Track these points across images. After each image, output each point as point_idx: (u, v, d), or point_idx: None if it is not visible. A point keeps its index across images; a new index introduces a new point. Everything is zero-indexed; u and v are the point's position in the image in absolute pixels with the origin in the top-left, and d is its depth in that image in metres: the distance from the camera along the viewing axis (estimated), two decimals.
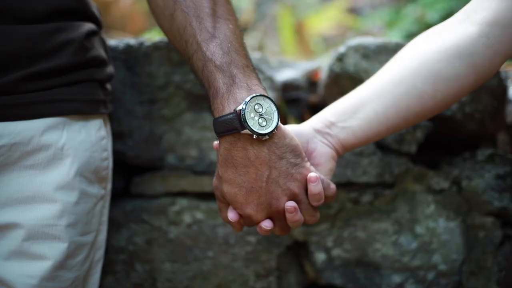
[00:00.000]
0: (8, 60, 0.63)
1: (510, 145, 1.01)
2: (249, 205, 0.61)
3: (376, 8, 4.33)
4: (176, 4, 0.66)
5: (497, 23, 0.67)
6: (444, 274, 0.87)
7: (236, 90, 0.61)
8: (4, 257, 0.62)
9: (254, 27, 3.28)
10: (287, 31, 2.46)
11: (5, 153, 0.63)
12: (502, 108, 0.94)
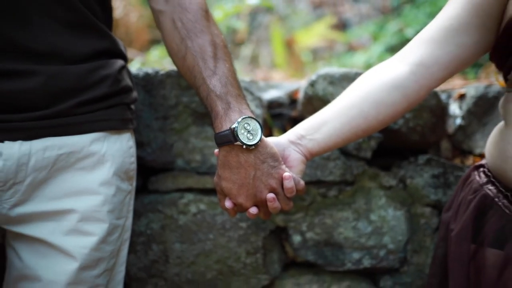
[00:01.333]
0: (65, 92, 0.86)
1: (451, 151, 1.25)
2: (240, 196, 0.85)
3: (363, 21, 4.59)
4: (187, 49, 0.89)
5: (422, 64, 0.91)
6: (392, 252, 1.11)
7: (231, 113, 0.84)
8: (64, 233, 0.86)
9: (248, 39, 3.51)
10: (278, 45, 2.69)
11: (65, 159, 0.86)
12: (443, 122, 1.18)
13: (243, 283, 1.12)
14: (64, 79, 0.86)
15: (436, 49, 0.91)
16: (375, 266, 1.11)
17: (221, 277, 1.12)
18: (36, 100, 0.84)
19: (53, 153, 0.85)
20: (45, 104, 0.84)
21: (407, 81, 0.91)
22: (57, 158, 0.85)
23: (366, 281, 1.14)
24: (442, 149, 1.23)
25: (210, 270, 1.12)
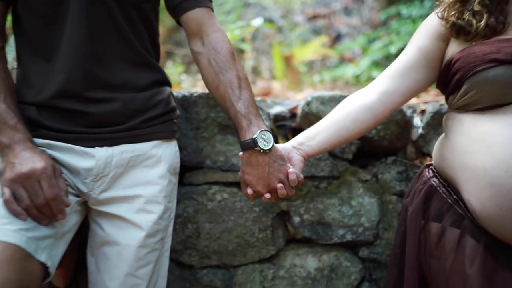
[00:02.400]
0: (135, 113, 1.22)
1: (415, 154, 1.62)
2: (258, 185, 1.21)
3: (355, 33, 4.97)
4: (220, 81, 1.25)
5: (386, 93, 1.28)
6: (368, 229, 1.48)
7: (252, 127, 1.20)
8: (135, 211, 1.21)
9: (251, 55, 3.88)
10: (278, 61, 3.06)
11: (135, 159, 1.22)
12: (407, 132, 1.56)
13: (256, 253, 1.49)
14: (134, 103, 1.23)
15: (396, 82, 1.28)
16: (355, 240, 1.49)
17: (240, 248, 1.49)
18: (116, 118, 1.20)
19: (127, 155, 1.21)
20: (122, 121, 1.21)
21: (375, 105, 1.28)
22: (130, 159, 1.22)
23: (348, 251, 1.52)
24: (408, 152, 1.60)
25: (231, 243, 1.49)
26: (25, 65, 1.21)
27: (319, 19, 5.34)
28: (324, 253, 1.51)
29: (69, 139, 1.17)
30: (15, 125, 1.09)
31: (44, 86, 1.17)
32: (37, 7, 1.16)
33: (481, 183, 1.10)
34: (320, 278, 1.50)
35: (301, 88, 2.88)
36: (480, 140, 1.13)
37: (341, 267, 1.51)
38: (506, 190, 1.05)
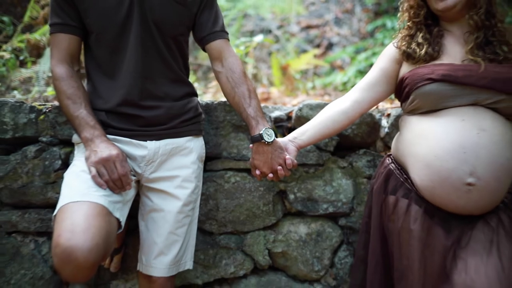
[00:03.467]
0: (174, 116, 1.69)
1: (383, 147, 2.09)
2: (264, 168, 1.68)
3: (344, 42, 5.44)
4: (235, 93, 1.72)
5: (357, 102, 1.75)
6: (345, 203, 1.96)
7: (259, 126, 1.67)
8: (175, 187, 1.68)
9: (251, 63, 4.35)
10: (276, 71, 3.54)
11: (174, 150, 1.69)
12: (376, 131, 2.03)
13: (261, 222, 1.96)
14: (173, 110, 1.70)
15: (364, 94, 1.76)
16: (336, 212, 1.96)
17: (248, 218, 1.96)
18: (161, 120, 1.67)
19: (169, 146, 1.68)
20: (165, 122, 1.68)
21: (349, 110, 1.76)
22: (171, 149, 1.69)
23: (331, 221, 1.99)
24: (377, 146, 2.08)
25: (242, 214, 1.96)
26: (94, 81, 1.68)
27: (312, 29, 5.80)
28: (312, 222, 1.99)
29: (129, 135, 1.64)
30: (94, 125, 1.56)
31: (110, 97, 1.64)
32: (106, 41, 1.63)
33: (420, 166, 1.58)
34: (309, 240, 1.98)
35: (296, 94, 3.36)
36: (421, 135, 1.60)
37: (325, 232, 1.99)
38: (435, 170, 1.53)
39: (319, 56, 5.27)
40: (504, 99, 1.54)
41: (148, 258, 1.68)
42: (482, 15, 1.60)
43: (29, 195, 1.94)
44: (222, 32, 1.78)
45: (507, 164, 1.51)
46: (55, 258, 1.33)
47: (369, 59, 3.76)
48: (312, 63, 3.90)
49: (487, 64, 1.57)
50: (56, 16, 1.64)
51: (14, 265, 1.97)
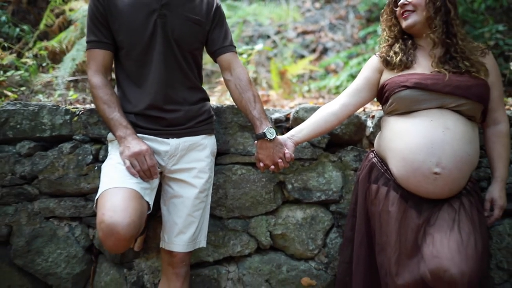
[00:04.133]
0: (191, 118, 2.01)
1: (368, 144, 2.42)
2: (266, 160, 2.01)
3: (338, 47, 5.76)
4: (242, 98, 2.05)
5: (345, 105, 2.08)
6: (335, 192, 2.29)
7: (262, 125, 2.00)
8: (192, 177, 2.00)
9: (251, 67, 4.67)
10: (275, 75, 3.87)
11: (191, 146, 2.02)
12: (362, 130, 2.36)
13: (263, 208, 2.29)
14: (191, 112, 2.02)
15: (350, 98, 2.09)
16: (327, 199, 2.30)
17: (253, 205, 2.29)
18: (181, 121, 2.00)
19: (187, 143, 2.01)
20: (184, 123, 2.01)
21: (338, 112, 2.09)
22: (189, 145, 2.02)
23: (323, 207, 2.32)
24: (363, 144, 2.41)
25: (247, 202, 2.29)
26: (124, 89, 2.00)
27: (308, 35, 6.13)
28: (307, 208, 2.33)
29: (154, 134, 1.97)
30: (126, 125, 1.89)
31: (138, 102, 1.96)
32: (134, 56, 1.96)
33: (397, 159, 1.91)
34: (305, 224, 2.31)
35: (293, 97, 3.69)
36: (397, 134, 1.94)
37: (318, 217, 2.32)
38: (409, 162, 1.86)
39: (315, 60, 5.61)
40: (465, 103, 1.88)
41: (170, 237, 2.01)
42: (439, 34, 1.94)
43: (64, 185, 2.26)
44: (231, 46, 2.11)
45: (467, 157, 1.85)
46: (100, 232, 1.66)
47: (360, 64, 4.10)
48: (308, 68, 4.23)
49: (451, 75, 1.91)
50: (93, 35, 1.96)
51: (51, 245, 2.29)
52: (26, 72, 3.59)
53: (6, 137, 2.28)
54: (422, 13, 1.97)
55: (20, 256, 2.29)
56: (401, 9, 2.03)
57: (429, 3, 1.96)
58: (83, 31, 3.85)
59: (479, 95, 1.89)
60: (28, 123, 2.27)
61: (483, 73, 1.93)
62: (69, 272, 2.30)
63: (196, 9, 2.03)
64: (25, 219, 2.29)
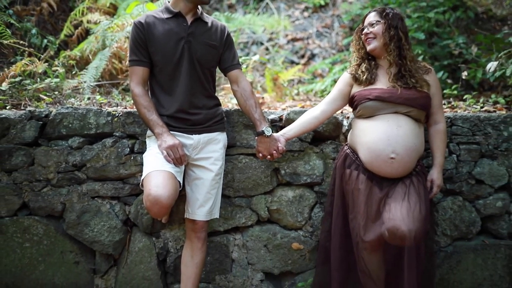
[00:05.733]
0: (209, 119, 2.65)
1: (344, 139, 3.08)
2: (264, 151, 2.66)
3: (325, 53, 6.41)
4: (246, 104, 2.69)
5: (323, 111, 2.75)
6: (318, 176, 2.96)
7: (261, 125, 2.65)
8: (210, 163, 2.64)
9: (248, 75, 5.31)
10: (269, 81, 4.52)
11: (209, 140, 2.66)
12: (339, 128, 3.02)
13: (262, 189, 2.95)
14: (209, 115, 2.67)
15: (328, 106, 2.76)
16: (312, 182, 2.96)
17: (254, 186, 2.95)
18: (201, 121, 2.64)
19: (206, 138, 2.66)
20: (204, 123, 2.65)
21: (319, 116, 2.76)
22: (207, 140, 2.67)
23: (309, 188, 2.99)
24: (340, 138, 3.07)
25: (250, 184, 2.95)
26: (158, 96, 2.64)
27: (297, 42, 6.78)
28: (297, 189, 2.99)
29: (182, 131, 2.61)
30: (162, 125, 2.53)
31: (169, 107, 2.60)
32: (166, 71, 2.59)
33: (364, 149, 2.58)
34: (294, 201, 2.98)
35: (285, 100, 4.35)
36: (364, 131, 2.60)
37: (305, 195, 2.99)
38: (372, 151, 2.53)
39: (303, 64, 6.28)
40: (412, 110, 2.55)
41: (193, 209, 2.66)
42: (394, 57, 2.60)
43: (107, 172, 2.91)
44: (238, 65, 2.76)
45: (414, 147, 2.52)
46: (148, 202, 2.31)
47: (342, 71, 4.76)
48: (297, 75, 4.90)
49: (402, 89, 2.58)
50: (135, 55, 2.60)
51: (96, 219, 2.93)
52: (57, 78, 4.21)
53: (61, 134, 2.91)
54: (380, 40, 2.64)
55: (71, 228, 2.93)
56: (365, 37, 2.69)
57: (385, 33, 2.62)
58: (105, 43, 4.45)
59: (422, 104, 2.56)
60: (78, 122, 2.91)
61: (426, 87, 2.61)
62: (110, 240, 2.94)
63: (212, 36, 2.68)
64: (76, 198, 2.93)
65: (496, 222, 2.96)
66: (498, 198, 2.93)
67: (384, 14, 2.66)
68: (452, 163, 2.93)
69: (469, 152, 2.93)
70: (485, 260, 2.92)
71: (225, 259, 3.02)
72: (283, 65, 5.35)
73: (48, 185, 2.93)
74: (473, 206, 2.96)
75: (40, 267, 2.96)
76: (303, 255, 3.00)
